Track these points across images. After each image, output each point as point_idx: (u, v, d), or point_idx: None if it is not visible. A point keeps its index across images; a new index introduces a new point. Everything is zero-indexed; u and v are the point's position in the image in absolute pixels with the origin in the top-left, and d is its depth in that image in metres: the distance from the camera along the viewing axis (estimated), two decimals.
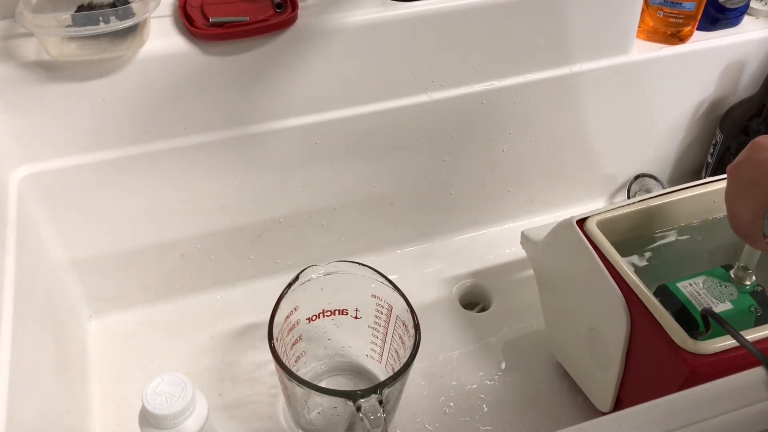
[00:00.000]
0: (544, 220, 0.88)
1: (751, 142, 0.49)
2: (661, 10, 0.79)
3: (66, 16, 0.59)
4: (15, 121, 0.63)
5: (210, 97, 0.68)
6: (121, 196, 0.70)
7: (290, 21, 0.66)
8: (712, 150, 0.88)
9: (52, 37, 0.60)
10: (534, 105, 0.79)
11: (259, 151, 0.72)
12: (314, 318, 0.67)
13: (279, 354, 0.58)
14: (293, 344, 0.67)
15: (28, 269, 0.60)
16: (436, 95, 0.75)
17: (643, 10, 0.79)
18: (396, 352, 0.65)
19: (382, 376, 0.67)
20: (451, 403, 0.70)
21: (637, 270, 0.59)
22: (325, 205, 0.79)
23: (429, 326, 0.73)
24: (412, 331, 0.61)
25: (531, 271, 0.71)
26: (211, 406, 0.53)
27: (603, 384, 0.62)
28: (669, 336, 0.52)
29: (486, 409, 0.70)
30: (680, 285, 0.58)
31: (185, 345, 0.75)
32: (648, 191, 0.91)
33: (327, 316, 0.68)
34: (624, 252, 0.61)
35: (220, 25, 0.64)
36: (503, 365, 0.74)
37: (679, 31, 0.80)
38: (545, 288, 0.70)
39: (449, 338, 0.76)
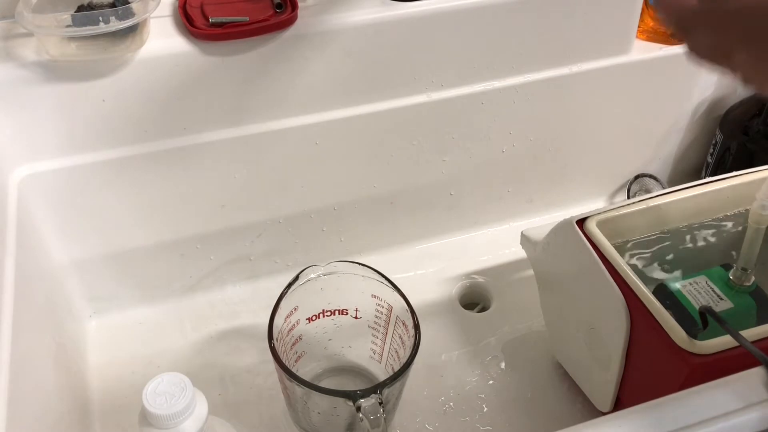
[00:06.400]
0: (544, 220, 0.88)
1: None
2: None
3: (66, 16, 0.59)
4: (15, 121, 0.63)
5: (210, 97, 0.68)
6: (121, 196, 0.70)
7: (290, 21, 0.66)
8: (711, 150, 0.88)
9: (52, 37, 0.60)
10: (534, 105, 0.79)
11: (259, 151, 0.72)
12: (314, 318, 0.67)
13: (279, 354, 0.58)
14: (293, 344, 0.67)
15: (28, 269, 0.60)
16: (436, 95, 0.75)
17: (643, 10, 0.79)
18: (396, 352, 0.65)
19: (382, 376, 0.67)
20: (451, 403, 0.70)
21: (637, 270, 0.59)
22: (325, 205, 0.79)
23: (429, 326, 0.73)
24: (412, 331, 0.61)
25: (531, 271, 0.71)
26: (211, 406, 0.53)
27: (603, 384, 0.62)
28: (669, 336, 0.52)
29: (486, 409, 0.70)
30: (680, 285, 0.58)
31: (185, 345, 0.75)
32: (648, 191, 0.91)
33: (327, 316, 0.68)
34: (624, 252, 0.61)
35: (220, 25, 0.64)
36: (503, 365, 0.74)
37: None
38: (545, 288, 0.70)
39: (449, 338, 0.76)
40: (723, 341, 0.50)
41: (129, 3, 0.61)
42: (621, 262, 0.57)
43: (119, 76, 0.64)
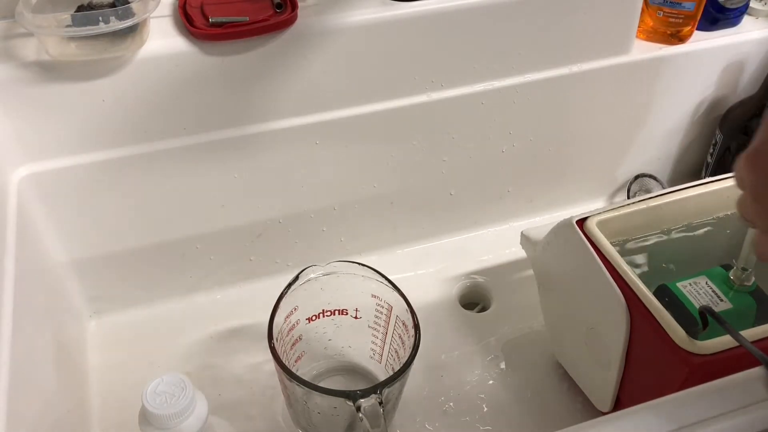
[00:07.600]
0: (544, 220, 0.88)
1: None
2: (661, 10, 0.79)
3: (66, 16, 0.59)
4: (15, 121, 0.63)
5: (210, 97, 0.68)
6: (121, 196, 0.70)
7: (290, 21, 0.66)
8: (711, 150, 0.88)
9: (52, 37, 0.60)
10: (534, 105, 0.79)
11: (259, 151, 0.72)
12: (314, 318, 0.67)
13: (279, 354, 0.58)
14: (293, 344, 0.67)
15: (28, 269, 0.60)
16: (436, 95, 0.75)
17: (642, 10, 0.79)
18: (396, 352, 0.65)
19: (382, 376, 0.67)
20: (451, 403, 0.70)
21: (637, 270, 0.59)
22: (325, 205, 0.79)
23: (429, 326, 0.73)
24: (412, 331, 0.61)
25: (531, 271, 0.71)
26: (211, 406, 0.53)
27: (603, 384, 0.62)
28: (669, 336, 0.52)
29: (486, 409, 0.70)
30: (680, 285, 0.58)
31: (185, 345, 0.75)
32: (648, 191, 0.91)
33: (327, 316, 0.68)
34: (624, 252, 0.61)
35: (220, 25, 0.64)
36: (503, 365, 0.74)
37: (678, 31, 0.80)
38: (545, 288, 0.70)
39: (449, 338, 0.76)
40: (723, 341, 0.51)
41: (129, 3, 0.61)
42: (621, 262, 0.57)
43: (119, 76, 0.64)
